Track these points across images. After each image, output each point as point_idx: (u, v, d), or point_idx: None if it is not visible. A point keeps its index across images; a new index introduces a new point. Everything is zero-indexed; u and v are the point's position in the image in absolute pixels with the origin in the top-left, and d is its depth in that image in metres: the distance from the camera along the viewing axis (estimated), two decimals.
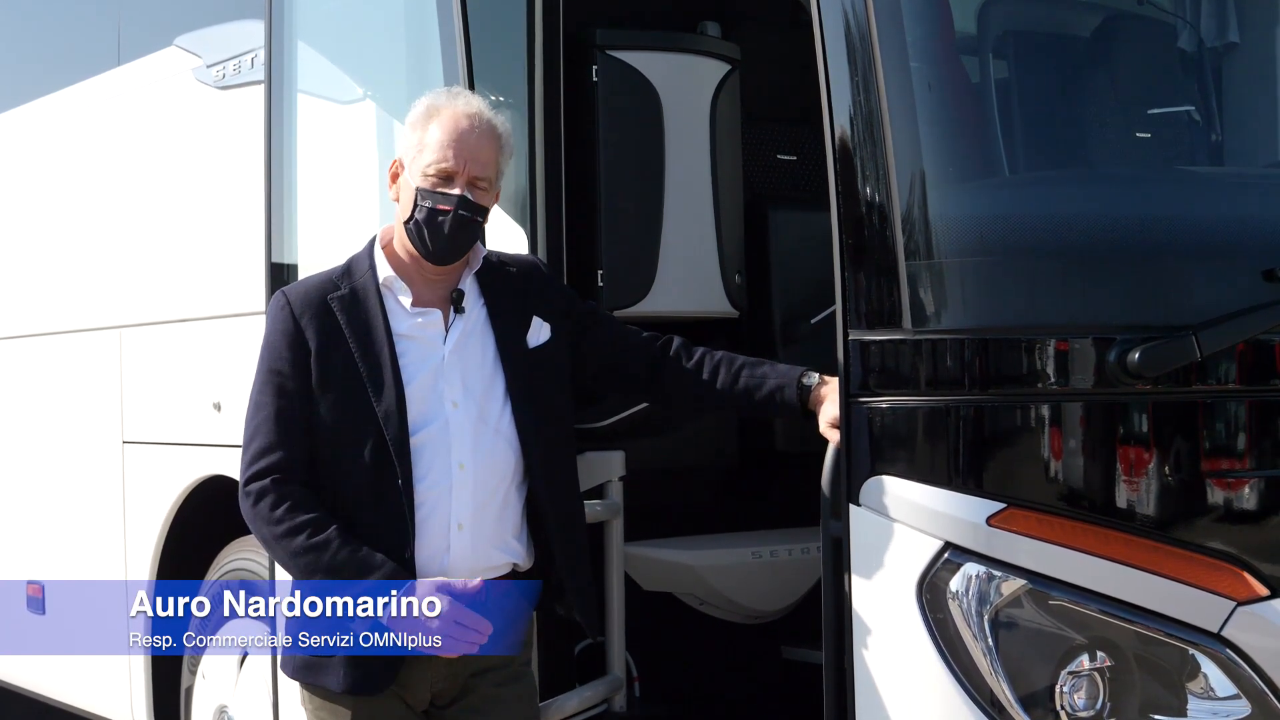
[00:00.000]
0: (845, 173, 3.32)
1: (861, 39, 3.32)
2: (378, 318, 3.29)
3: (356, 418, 3.24)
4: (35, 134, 6.29)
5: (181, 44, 5.27)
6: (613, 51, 4.13)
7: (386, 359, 3.26)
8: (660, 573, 4.41)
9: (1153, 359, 3.20)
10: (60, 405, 5.92)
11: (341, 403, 3.25)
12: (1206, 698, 3.26)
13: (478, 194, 3.28)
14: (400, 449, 3.22)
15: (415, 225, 3.29)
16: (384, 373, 3.25)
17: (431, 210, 3.26)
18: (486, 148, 3.29)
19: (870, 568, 3.27)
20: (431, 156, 3.27)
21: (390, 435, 3.22)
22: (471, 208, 3.27)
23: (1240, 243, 3.44)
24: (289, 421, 3.25)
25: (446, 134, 3.27)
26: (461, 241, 3.30)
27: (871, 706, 3.27)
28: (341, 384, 3.26)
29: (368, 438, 3.23)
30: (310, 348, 3.27)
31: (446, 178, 3.27)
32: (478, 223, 3.30)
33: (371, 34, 4.61)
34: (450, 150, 3.26)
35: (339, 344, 3.27)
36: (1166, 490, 3.30)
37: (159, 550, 5.25)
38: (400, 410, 3.23)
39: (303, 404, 3.25)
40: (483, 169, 3.28)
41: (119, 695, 5.55)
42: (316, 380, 3.26)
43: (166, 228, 5.32)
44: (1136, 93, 3.94)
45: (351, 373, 3.26)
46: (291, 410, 3.25)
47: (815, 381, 3.39)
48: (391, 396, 3.23)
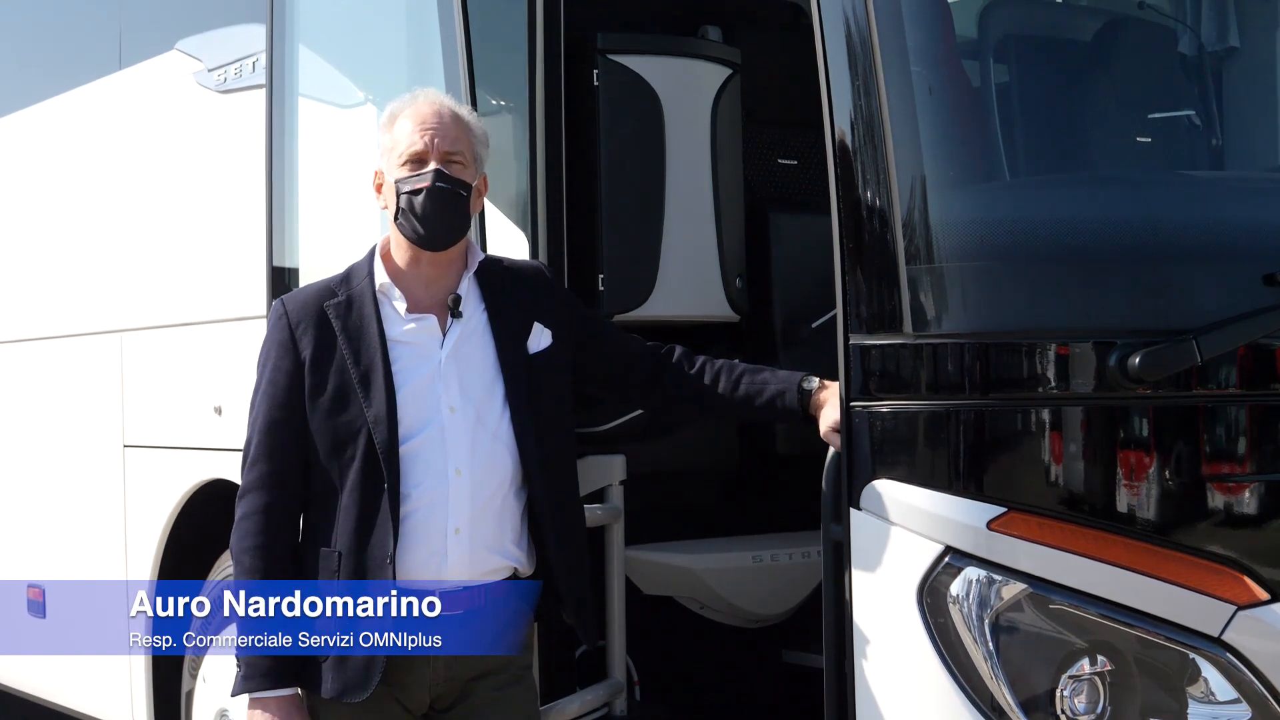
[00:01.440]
0: (846, 177, 3.32)
1: (862, 43, 3.32)
2: (372, 323, 3.29)
3: (348, 424, 3.25)
4: (36, 138, 6.29)
5: (183, 48, 5.27)
6: (614, 56, 4.14)
7: (379, 365, 3.26)
8: (661, 576, 4.41)
9: (1153, 363, 3.20)
10: (61, 409, 5.92)
11: (334, 409, 3.26)
12: (1207, 702, 3.26)
13: (454, 168, 3.29)
14: (389, 454, 3.22)
15: (402, 215, 3.30)
16: (376, 378, 3.25)
17: (411, 193, 3.28)
18: (453, 126, 3.31)
19: (871, 572, 3.27)
20: (401, 147, 3.30)
21: (379, 441, 3.22)
22: (448, 180, 3.28)
23: (1240, 247, 3.44)
24: (280, 432, 3.28)
25: (411, 123, 3.31)
26: (448, 217, 3.29)
27: (872, 711, 3.26)
28: (334, 390, 3.27)
29: (358, 443, 3.24)
30: (304, 356, 3.29)
31: (419, 160, 3.29)
32: (460, 196, 3.29)
33: (373, 38, 4.61)
34: (416, 134, 3.29)
35: (333, 351, 3.28)
36: (1167, 494, 3.30)
37: (159, 554, 5.25)
38: (390, 416, 3.23)
39: (296, 413, 3.28)
40: (452, 144, 3.30)
41: (119, 699, 5.55)
42: (310, 388, 3.27)
43: (168, 232, 5.32)
44: (1137, 97, 3.95)
45: (344, 379, 3.27)
46: (284, 420, 3.28)
47: (815, 386, 3.40)
48: (382, 402, 3.23)
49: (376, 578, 3.21)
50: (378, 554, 3.21)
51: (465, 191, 3.31)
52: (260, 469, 3.30)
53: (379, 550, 3.22)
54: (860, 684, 3.28)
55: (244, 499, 3.31)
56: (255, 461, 3.30)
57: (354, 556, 3.23)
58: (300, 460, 3.28)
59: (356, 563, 3.23)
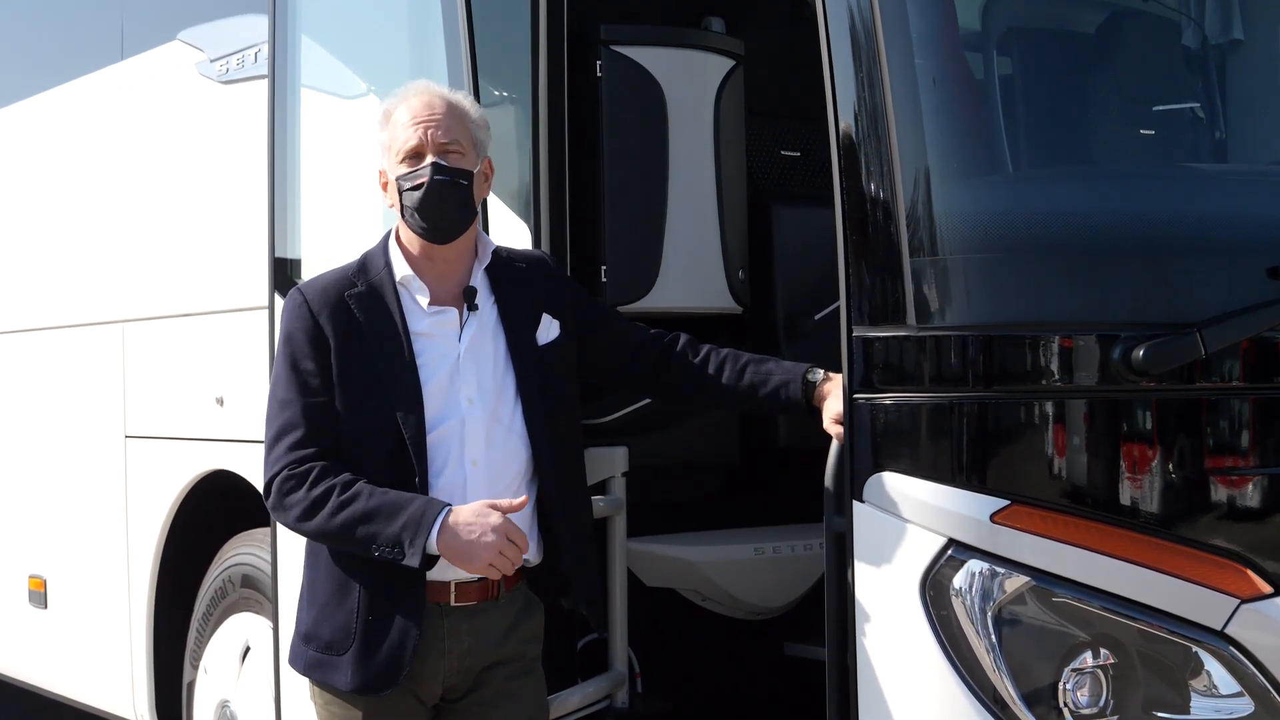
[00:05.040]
0: (849, 169, 3.31)
1: (866, 34, 3.31)
2: (395, 316, 3.30)
3: (375, 415, 3.25)
4: (38, 128, 6.29)
5: (185, 38, 5.27)
6: (617, 47, 4.13)
7: (405, 358, 3.27)
8: (663, 568, 4.41)
9: (1157, 356, 3.20)
10: (63, 400, 5.92)
11: (360, 400, 3.26)
12: (1210, 695, 3.26)
13: (451, 158, 3.29)
14: (417, 447, 3.23)
15: (407, 212, 3.30)
16: (402, 371, 3.26)
17: (412, 189, 3.28)
18: (447, 115, 3.30)
19: (873, 564, 3.27)
20: (399, 143, 3.30)
21: (409, 434, 3.23)
22: (447, 170, 3.27)
23: (1245, 240, 3.44)
24: (319, 417, 3.26)
25: (406, 118, 3.31)
26: (451, 208, 3.29)
27: (874, 703, 3.26)
28: (360, 382, 3.27)
29: (386, 435, 3.24)
30: (330, 344, 3.28)
31: (417, 155, 3.29)
32: (461, 185, 3.28)
33: (375, 29, 4.61)
34: (410, 129, 3.29)
35: (358, 342, 3.28)
36: (1170, 487, 3.30)
37: (161, 545, 5.25)
38: (418, 409, 3.24)
39: (328, 400, 3.27)
40: (447, 133, 3.29)
41: (121, 689, 5.55)
42: (337, 377, 3.27)
43: (169, 222, 5.32)
44: (1140, 90, 3.94)
45: (370, 371, 3.27)
46: (319, 405, 3.27)
47: (819, 378, 3.40)
48: (410, 395, 3.24)
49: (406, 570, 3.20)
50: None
51: (466, 180, 3.30)
52: (310, 450, 3.23)
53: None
54: (862, 676, 3.28)
55: (300, 471, 3.21)
56: (301, 442, 3.23)
57: None
58: (336, 445, 3.27)
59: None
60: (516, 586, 3.36)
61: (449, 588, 3.27)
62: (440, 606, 3.27)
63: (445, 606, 3.27)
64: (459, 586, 3.27)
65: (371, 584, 3.24)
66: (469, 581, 3.28)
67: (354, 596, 3.25)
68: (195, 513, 5.17)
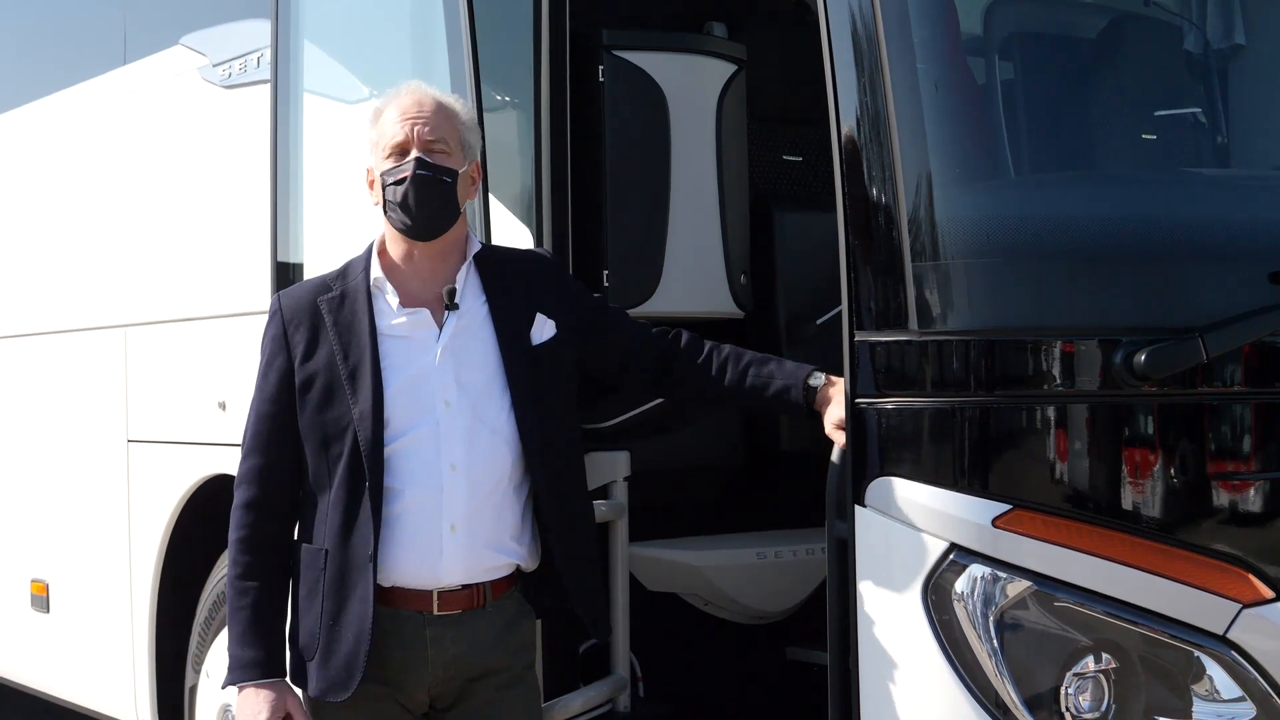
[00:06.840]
0: (851, 173, 3.31)
1: (868, 39, 3.31)
2: (363, 318, 3.28)
3: (336, 420, 3.25)
4: (41, 132, 6.29)
5: (188, 43, 5.28)
6: (619, 52, 4.13)
7: (367, 360, 3.25)
8: (665, 573, 4.41)
9: (1159, 361, 3.20)
10: (65, 404, 5.92)
11: (322, 405, 3.26)
12: (1211, 700, 3.26)
13: (437, 156, 3.28)
14: (372, 452, 3.20)
15: (389, 206, 3.29)
16: (363, 374, 3.24)
17: (395, 183, 3.26)
18: (435, 114, 3.30)
19: (875, 569, 3.26)
20: (385, 139, 3.30)
21: (363, 438, 3.21)
22: (430, 167, 3.26)
23: (1247, 245, 3.44)
24: (269, 426, 3.30)
25: (395, 115, 3.30)
26: (433, 204, 3.27)
27: (876, 708, 3.26)
28: (323, 387, 3.27)
29: (345, 440, 3.23)
30: (296, 353, 3.29)
31: (402, 151, 3.28)
32: (444, 183, 3.27)
33: (378, 33, 4.61)
34: (397, 125, 3.29)
35: (323, 346, 3.28)
36: (1172, 492, 3.30)
37: (163, 549, 5.25)
38: (376, 412, 3.21)
39: (286, 408, 3.29)
40: (433, 131, 3.28)
41: (123, 693, 5.55)
42: (299, 384, 3.28)
43: (172, 226, 5.32)
44: (1143, 94, 3.94)
45: (333, 375, 3.26)
46: (273, 415, 3.30)
47: (821, 382, 3.39)
48: (368, 399, 3.22)
49: (358, 577, 3.21)
50: (359, 553, 3.20)
51: (449, 178, 3.28)
52: (251, 463, 3.32)
53: (360, 549, 3.20)
54: (865, 681, 3.28)
55: (236, 491, 3.34)
56: (247, 455, 3.33)
57: (338, 555, 3.23)
58: (290, 455, 3.29)
59: (340, 561, 3.22)
60: (506, 594, 3.33)
61: (431, 596, 3.25)
62: (423, 615, 3.24)
63: (428, 615, 3.25)
64: (442, 595, 3.25)
65: (330, 589, 3.24)
66: (452, 590, 3.25)
67: (318, 601, 3.25)
68: (197, 517, 5.17)
